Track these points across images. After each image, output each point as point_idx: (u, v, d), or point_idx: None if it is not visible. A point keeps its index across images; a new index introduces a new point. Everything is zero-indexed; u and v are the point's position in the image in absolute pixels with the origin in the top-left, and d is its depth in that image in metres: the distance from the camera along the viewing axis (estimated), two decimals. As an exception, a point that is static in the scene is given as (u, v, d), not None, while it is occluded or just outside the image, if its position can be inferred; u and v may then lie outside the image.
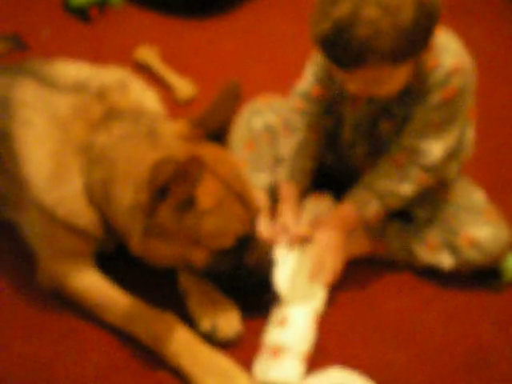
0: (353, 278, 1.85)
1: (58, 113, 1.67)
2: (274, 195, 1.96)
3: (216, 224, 1.57)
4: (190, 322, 1.69)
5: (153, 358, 1.64)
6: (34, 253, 1.77)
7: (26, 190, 1.67)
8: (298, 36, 1.84)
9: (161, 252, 1.59)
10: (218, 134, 1.65)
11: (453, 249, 1.82)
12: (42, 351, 1.68)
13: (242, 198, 1.62)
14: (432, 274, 1.87)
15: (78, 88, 1.71)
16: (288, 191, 1.88)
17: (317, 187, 1.95)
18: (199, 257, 1.61)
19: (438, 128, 1.69)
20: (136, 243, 1.58)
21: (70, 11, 2.76)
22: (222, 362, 1.60)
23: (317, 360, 1.66)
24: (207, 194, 1.54)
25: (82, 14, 2.73)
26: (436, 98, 1.65)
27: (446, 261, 1.83)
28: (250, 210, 1.64)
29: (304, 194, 1.90)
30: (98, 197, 1.64)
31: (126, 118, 1.66)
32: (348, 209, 1.75)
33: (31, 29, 2.63)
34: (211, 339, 1.67)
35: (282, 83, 2.16)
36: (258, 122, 1.99)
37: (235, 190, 1.60)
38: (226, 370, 1.59)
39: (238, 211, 1.60)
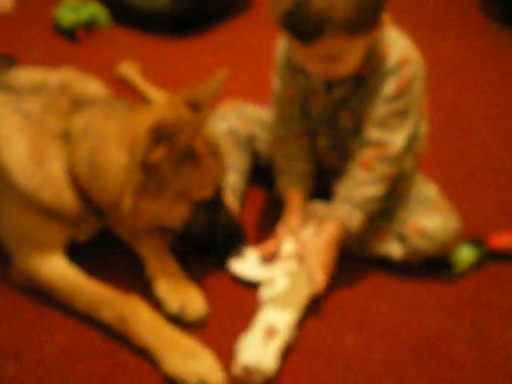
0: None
1: (29, 112, 1.75)
2: (241, 195, 2.08)
3: (203, 173, 1.73)
4: (156, 306, 1.78)
5: (117, 340, 1.73)
6: (8, 251, 1.85)
7: (6, 181, 1.73)
8: (272, 50, 1.97)
9: (148, 211, 1.71)
10: (198, 107, 1.75)
11: (402, 238, 1.90)
12: (10, 335, 1.76)
13: (216, 154, 1.78)
14: (385, 264, 1.95)
15: (39, 88, 1.80)
16: (291, 197, 1.96)
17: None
18: (181, 211, 1.75)
19: (397, 118, 1.78)
20: (127, 204, 1.68)
21: (59, 32, 2.91)
22: (186, 341, 1.69)
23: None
24: (198, 147, 1.70)
25: (70, 35, 2.89)
26: (391, 89, 1.76)
27: (395, 250, 1.91)
28: (222, 164, 1.81)
29: (308, 197, 1.98)
30: (84, 172, 1.71)
31: (100, 103, 1.78)
32: (334, 227, 1.82)
33: (21, 48, 2.77)
34: (179, 321, 1.76)
35: (257, 97, 2.29)
36: (222, 126, 2.09)
37: (212, 146, 1.77)
38: (190, 349, 1.67)
39: (216, 165, 1.77)
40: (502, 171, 2.36)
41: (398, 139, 1.80)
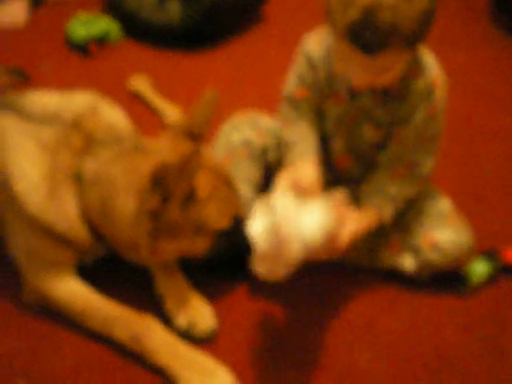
0: (320, 281, 1.94)
1: (44, 142, 1.75)
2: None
3: (215, 208, 1.73)
4: (167, 324, 1.77)
5: (128, 356, 1.72)
6: (19, 270, 1.84)
7: (19, 208, 1.73)
8: (286, 65, 1.96)
9: (168, 250, 1.72)
10: (197, 136, 1.79)
11: (414, 251, 1.89)
12: (20, 350, 1.76)
13: (229, 183, 1.80)
14: (396, 278, 1.94)
15: (54, 118, 1.79)
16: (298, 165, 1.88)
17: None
18: (202, 244, 1.76)
19: (429, 141, 1.82)
20: (145, 249, 1.69)
21: (71, 46, 2.92)
22: (202, 359, 1.68)
23: (279, 358, 1.76)
24: (203, 183, 1.70)
25: (82, 49, 2.89)
26: (423, 114, 1.77)
27: (407, 263, 1.91)
28: (236, 192, 1.82)
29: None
30: (96, 216, 1.73)
31: (109, 142, 1.77)
32: (369, 215, 1.84)
33: (33, 62, 2.78)
34: (188, 337, 1.76)
35: (268, 110, 2.28)
36: (236, 137, 2.06)
37: (223, 177, 1.78)
38: (207, 366, 1.67)
39: (229, 194, 1.79)
40: (516, 185, 2.35)
41: (428, 161, 1.84)
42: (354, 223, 1.77)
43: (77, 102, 1.86)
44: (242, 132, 2.08)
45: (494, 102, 2.73)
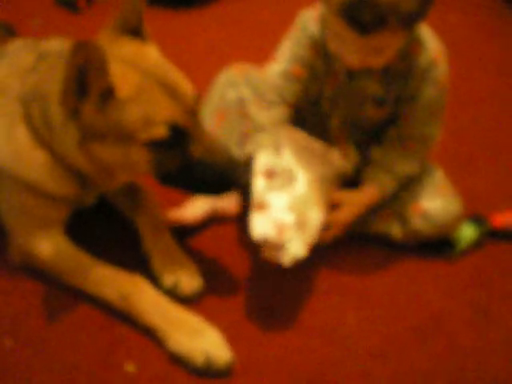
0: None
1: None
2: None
3: (139, 112, 1.54)
4: (153, 282, 1.75)
5: (116, 314, 1.71)
6: (7, 231, 1.82)
7: None
8: (279, 25, 1.93)
9: (103, 156, 1.60)
10: (136, 30, 1.68)
11: (402, 219, 1.90)
12: (6, 308, 1.75)
13: (170, 88, 1.58)
14: (385, 243, 1.95)
15: (20, 50, 1.76)
16: None
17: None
18: (139, 154, 1.59)
19: (437, 113, 1.84)
20: (79, 155, 1.61)
21: (58, 2, 2.89)
22: (191, 319, 1.67)
23: (268, 319, 1.77)
24: (125, 83, 1.53)
25: (70, 6, 2.86)
26: (428, 92, 1.79)
27: (394, 231, 1.92)
28: (180, 101, 1.60)
29: None
30: (44, 134, 1.66)
31: (52, 55, 1.70)
32: (372, 193, 1.86)
33: (21, 18, 2.73)
34: (173, 296, 1.75)
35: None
36: (231, 94, 1.99)
37: (160, 80, 1.58)
38: (196, 326, 1.66)
39: (164, 100, 1.57)
40: (505, 150, 2.36)
41: (437, 132, 1.87)
42: (349, 207, 1.84)
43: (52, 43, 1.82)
44: (237, 88, 2.01)
45: (483, 67, 2.72)
